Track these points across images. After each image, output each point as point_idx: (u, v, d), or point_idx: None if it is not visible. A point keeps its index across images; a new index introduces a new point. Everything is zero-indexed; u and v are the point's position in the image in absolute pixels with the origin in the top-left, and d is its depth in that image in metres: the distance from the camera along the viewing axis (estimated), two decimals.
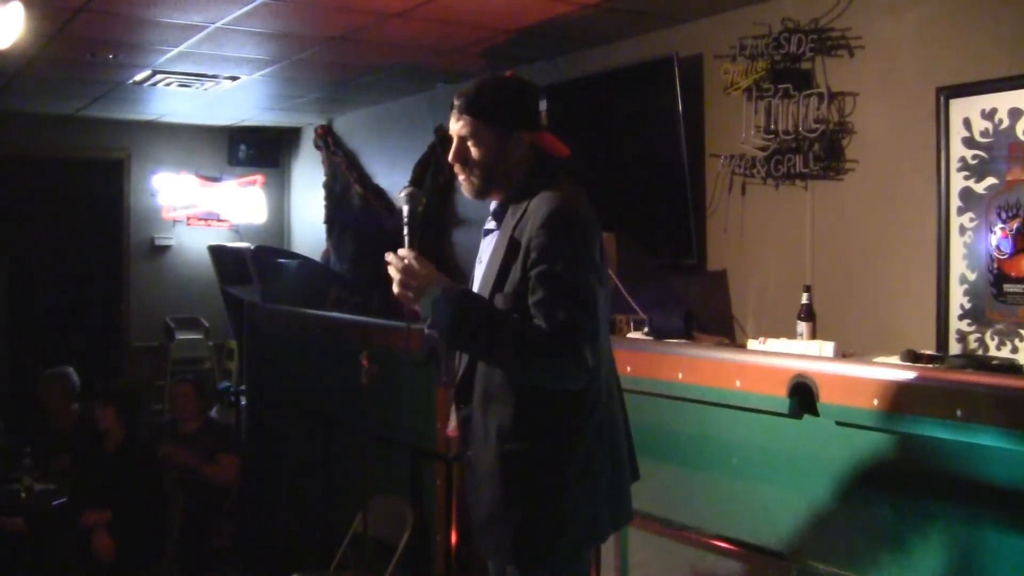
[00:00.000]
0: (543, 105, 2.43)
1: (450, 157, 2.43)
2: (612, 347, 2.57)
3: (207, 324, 8.16)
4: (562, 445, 2.27)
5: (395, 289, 2.31)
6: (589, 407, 2.31)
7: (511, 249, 2.30)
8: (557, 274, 2.20)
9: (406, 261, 2.29)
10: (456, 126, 2.40)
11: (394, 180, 7.00)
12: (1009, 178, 3.38)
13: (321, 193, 7.98)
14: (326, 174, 7.95)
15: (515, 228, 2.31)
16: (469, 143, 2.38)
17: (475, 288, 2.43)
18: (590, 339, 2.21)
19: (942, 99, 3.56)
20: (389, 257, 2.32)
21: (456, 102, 2.40)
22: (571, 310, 2.18)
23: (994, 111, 3.41)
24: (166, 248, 8.43)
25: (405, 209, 2.41)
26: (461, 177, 2.44)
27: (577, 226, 2.27)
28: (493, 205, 2.48)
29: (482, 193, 2.44)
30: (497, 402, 2.31)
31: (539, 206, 2.28)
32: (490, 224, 2.47)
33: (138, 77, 6.06)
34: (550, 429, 2.28)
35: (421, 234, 2.42)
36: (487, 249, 2.45)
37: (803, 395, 2.72)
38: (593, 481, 2.31)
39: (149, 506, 5.02)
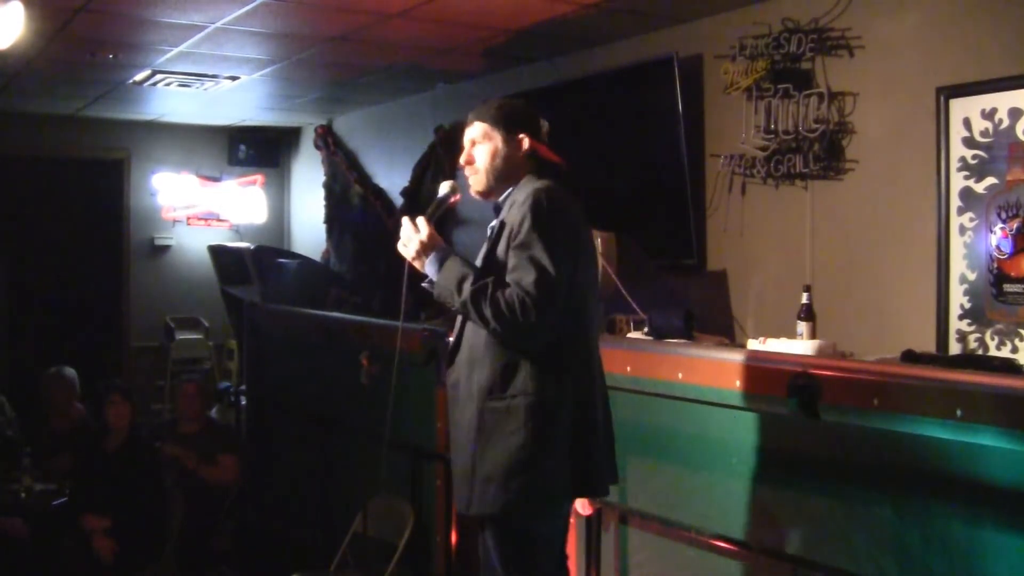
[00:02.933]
0: (545, 125, 2.77)
1: (461, 160, 2.75)
2: (612, 346, 2.68)
3: (207, 324, 8.16)
4: (537, 407, 2.50)
5: (399, 246, 2.66)
6: (566, 376, 2.56)
7: (499, 232, 2.60)
8: (529, 244, 2.48)
9: (419, 222, 2.64)
10: (467, 132, 2.74)
11: (394, 180, 7.00)
12: (1009, 178, 3.38)
13: (321, 193, 7.98)
14: (326, 174, 7.95)
15: (506, 216, 2.61)
16: (478, 144, 2.71)
17: None
18: (550, 305, 2.46)
19: (942, 99, 3.56)
20: (406, 220, 2.67)
21: (470, 113, 2.75)
22: (536, 277, 2.44)
23: (994, 111, 3.41)
24: (166, 248, 8.43)
25: (440, 193, 2.77)
26: (472, 178, 2.73)
27: (552, 210, 2.53)
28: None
29: (487, 191, 2.72)
30: (479, 365, 2.57)
31: (522, 193, 2.60)
32: (495, 222, 2.72)
33: (138, 77, 6.06)
34: (527, 391, 2.51)
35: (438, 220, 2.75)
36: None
37: (803, 395, 2.72)
38: (563, 445, 2.53)
39: (149, 506, 5.02)
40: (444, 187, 2.77)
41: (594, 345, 2.70)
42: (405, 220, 2.67)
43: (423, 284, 2.67)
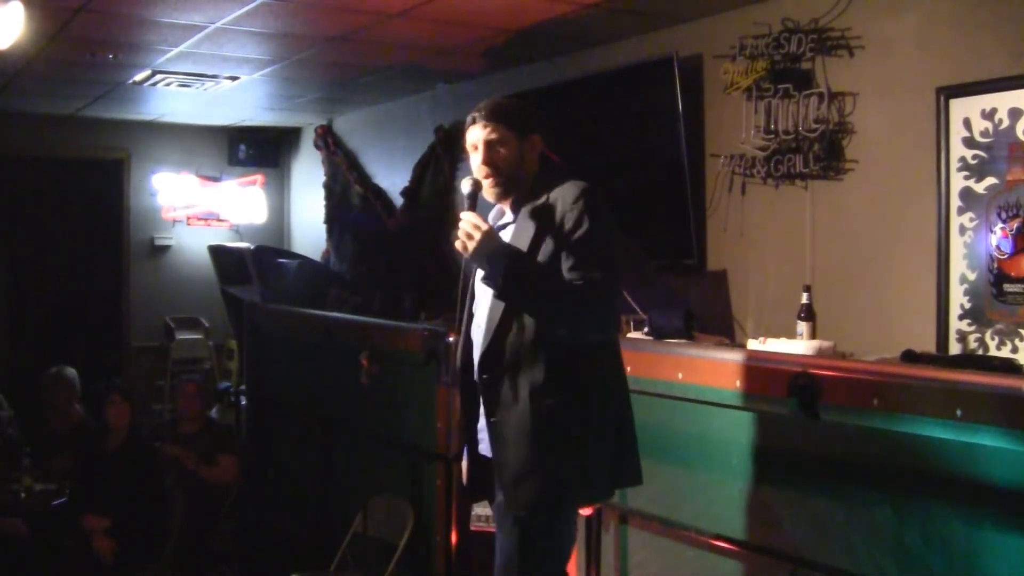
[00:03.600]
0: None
1: (482, 162, 2.68)
2: None
3: (207, 324, 8.16)
4: (586, 402, 2.58)
5: (456, 243, 2.60)
6: (609, 374, 2.65)
7: (539, 230, 2.58)
8: (591, 240, 2.52)
9: (473, 219, 2.58)
10: (483, 133, 2.67)
11: (394, 180, 7.00)
12: (1009, 178, 3.38)
13: (321, 193, 7.99)
14: (326, 174, 7.95)
15: (538, 214, 2.60)
16: (496, 146, 2.67)
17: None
18: (617, 297, 2.66)
19: (942, 99, 3.56)
20: (462, 215, 2.60)
21: (478, 115, 2.69)
22: (604, 270, 2.51)
23: (994, 111, 3.41)
24: (166, 248, 8.43)
25: (466, 190, 2.70)
26: (489, 181, 2.68)
27: (603, 203, 2.59)
28: (505, 206, 2.74)
29: (505, 193, 2.70)
30: (527, 366, 2.57)
31: (566, 191, 2.59)
32: (503, 220, 2.74)
33: (138, 77, 6.06)
34: (576, 388, 2.57)
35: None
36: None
37: (803, 395, 2.72)
38: (610, 441, 2.62)
39: (149, 506, 5.02)
40: (466, 184, 2.71)
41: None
42: (466, 215, 2.59)
43: (482, 280, 2.64)
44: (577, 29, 4.81)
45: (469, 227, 2.56)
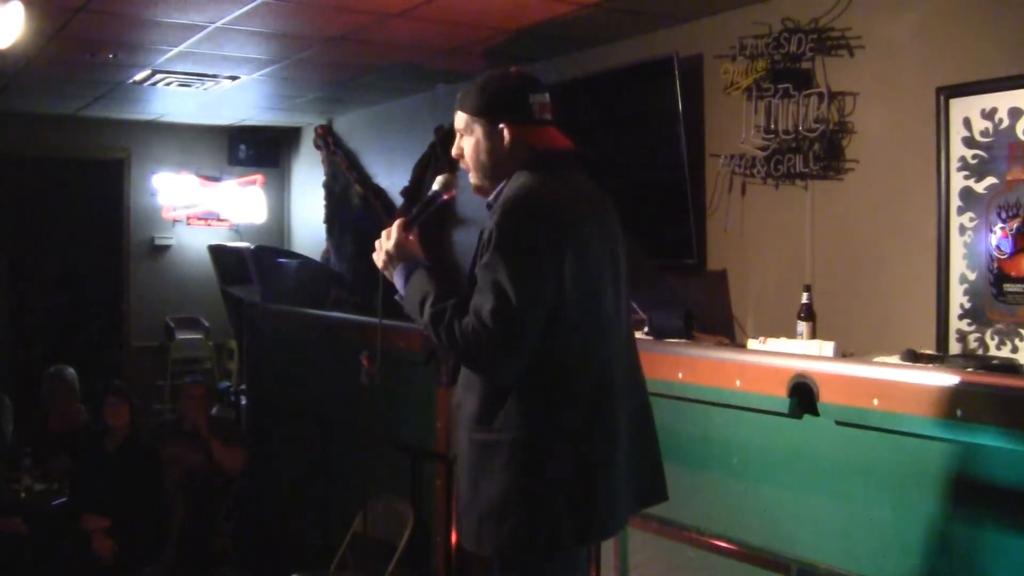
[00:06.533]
0: (541, 98, 2.42)
1: (453, 152, 2.46)
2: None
3: (207, 324, 8.16)
4: (522, 445, 2.23)
5: (373, 255, 2.41)
6: (564, 408, 2.26)
7: (479, 241, 2.29)
8: (491, 264, 2.18)
9: (393, 228, 2.39)
10: (455, 121, 2.44)
11: (394, 180, 7.00)
12: (1009, 178, 3.37)
13: (321, 193, 7.99)
14: (326, 174, 7.95)
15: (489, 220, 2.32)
16: (463, 136, 2.42)
17: None
18: (510, 338, 2.15)
19: (942, 99, 3.56)
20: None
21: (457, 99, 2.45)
22: (494, 305, 2.14)
23: (994, 111, 3.41)
24: (166, 248, 8.43)
25: (432, 189, 2.47)
26: (470, 174, 2.45)
27: (524, 221, 2.22)
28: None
29: (479, 188, 2.44)
30: (470, 389, 2.32)
31: (504, 195, 2.31)
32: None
33: (138, 77, 6.06)
34: (512, 426, 2.24)
35: (429, 220, 2.49)
36: None
37: (803, 395, 2.73)
38: (558, 487, 2.24)
39: (149, 506, 5.02)
40: (437, 182, 2.47)
41: (616, 361, 2.38)
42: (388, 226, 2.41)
43: (395, 297, 2.41)
44: (577, 29, 4.81)
45: (383, 236, 2.37)
